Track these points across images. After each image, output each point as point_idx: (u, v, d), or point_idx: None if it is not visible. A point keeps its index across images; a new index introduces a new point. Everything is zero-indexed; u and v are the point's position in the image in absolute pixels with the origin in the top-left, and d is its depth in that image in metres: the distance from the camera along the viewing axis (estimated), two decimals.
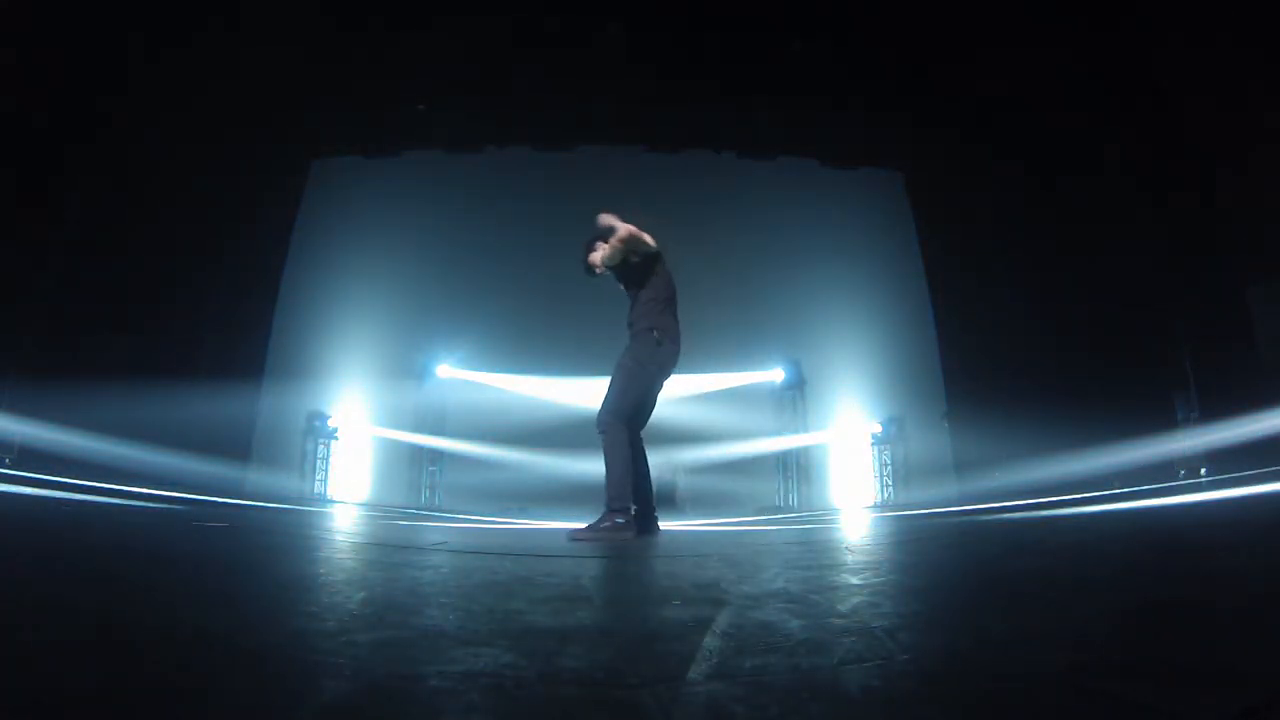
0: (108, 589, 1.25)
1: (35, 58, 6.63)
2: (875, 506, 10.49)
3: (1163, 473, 6.81)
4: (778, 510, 10.45)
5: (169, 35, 7.12)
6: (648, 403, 3.56)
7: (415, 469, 10.99)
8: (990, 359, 10.18)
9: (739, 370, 11.20)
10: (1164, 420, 7.31)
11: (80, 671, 0.76)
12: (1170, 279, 7.00)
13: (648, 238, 3.65)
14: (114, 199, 7.64)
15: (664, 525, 3.85)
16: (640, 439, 3.52)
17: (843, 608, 1.34)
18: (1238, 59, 6.78)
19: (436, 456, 10.99)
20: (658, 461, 3.43)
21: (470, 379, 11.00)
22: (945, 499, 9.47)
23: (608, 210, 3.83)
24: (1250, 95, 6.91)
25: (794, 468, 11.32)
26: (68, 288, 7.33)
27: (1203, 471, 6.70)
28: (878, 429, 11.20)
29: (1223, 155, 7.46)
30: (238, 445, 9.76)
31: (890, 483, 11.07)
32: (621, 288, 3.75)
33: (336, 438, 10.98)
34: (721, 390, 11.10)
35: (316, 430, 10.93)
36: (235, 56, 7.76)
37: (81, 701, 0.68)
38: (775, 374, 11.37)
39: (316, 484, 10.67)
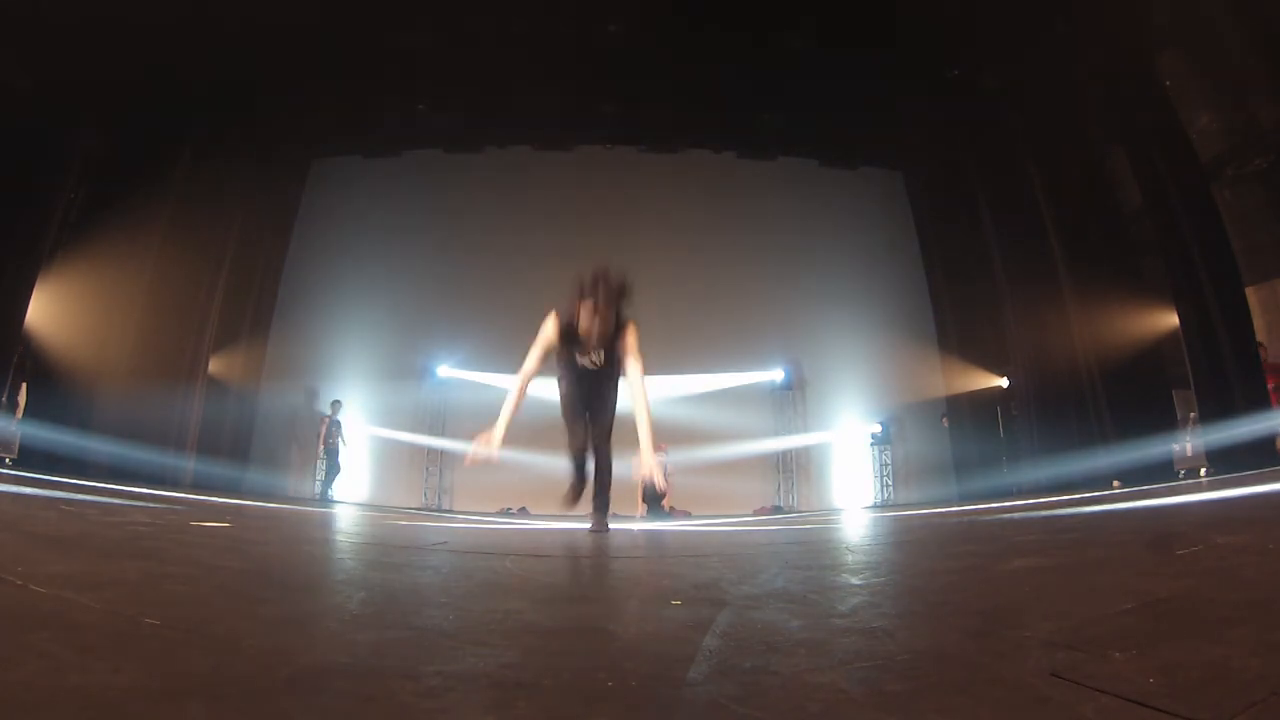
0: (110, 589, 1.25)
1: (36, 57, 6.62)
2: (874, 506, 10.49)
3: (1162, 472, 6.81)
4: (778, 510, 10.44)
5: (168, 36, 7.10)
6: None
7: (415, 469, 10.99)
8: (990, 359, 10.20)
9: (739, 370, 11.20)
10: (1164, 420, 7.31)
11: (86, 671, 0.76)
12: (1171, 279, 6.99)
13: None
14: (114, 198, 7.64)
15: (653, 526, 4.02)
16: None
17: (843, 608, 1.34)
18: (1236, 62, 6.78)
19: (436, 456, 10.98)
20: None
21: (470, 379, 10.99)
22: (945, 499, 9.47)
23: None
24: (1249, 97, 6.91)
25: (794, 468, 11.32)
26: (68, 287, 7.33)
27: (1203, 472, 6.70)
28: (877, 429, 11.20)
29: (1223, 156, 7.46)
30: (238, 445, 9.77)
31: (890, 483, 11.06)
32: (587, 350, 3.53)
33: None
34: (721, 390, 11.10)
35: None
36: (235, 57, 7.76)
37: (85, 701, 0.68)
38: (775, 374, 11.37)
39: (317, 484, 10.66)
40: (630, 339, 3.39)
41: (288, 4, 7.33)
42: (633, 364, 3.39)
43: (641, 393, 3.34)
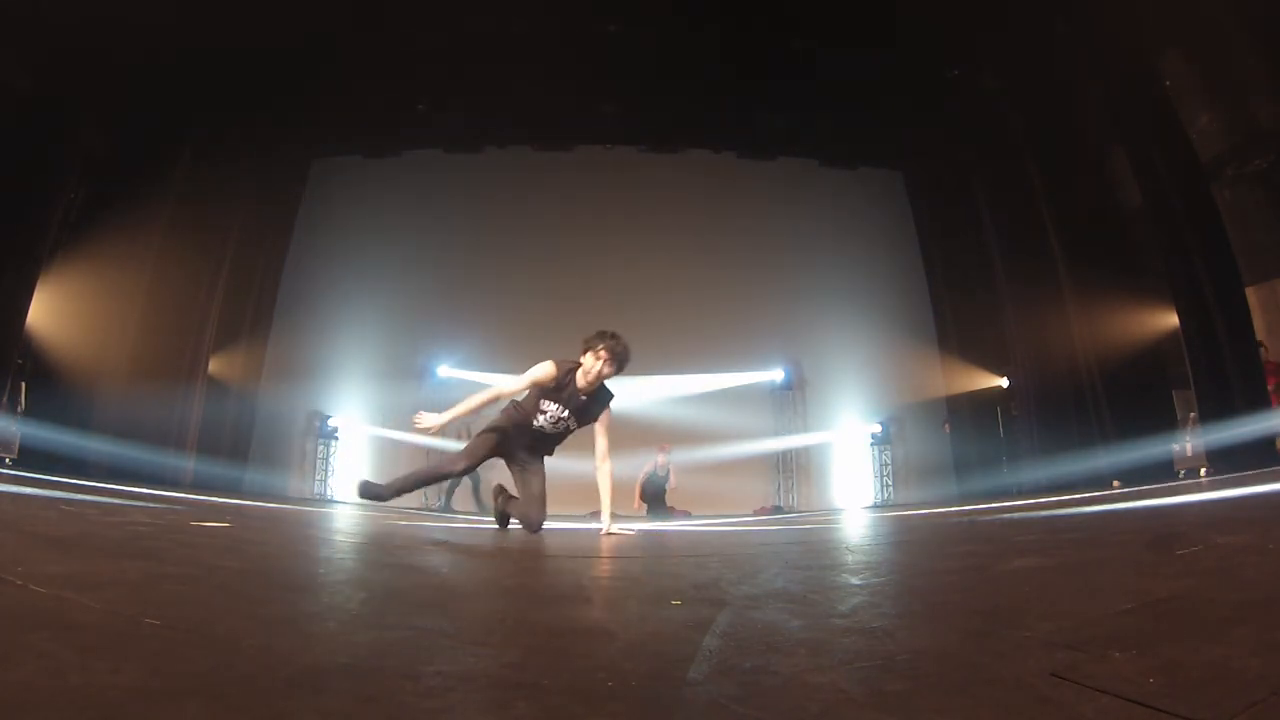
0: (110, 589, 1.25)
1: (36, 57, 6.62)
2: (874, 506, 10.48)
3: (1162, 472, 6.80)
4: (778, 510, 10.44)
5: (168, 36, 7.10)
6: None
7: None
8: (990, 359, 10.19)
9: (739, 370, 11.19)
10: (1164, 420, 7.30)
11: (86, 671, 0.76)
12: (1171, 279, 6.99)
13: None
14: (114, 198, 7.63)
15: (653, 526, 4.11)
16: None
17: (843, 608, 1.34)
18: (1236, 62, 6.77)
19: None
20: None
21: (470, 379, 10.99)
22: (945, 499, 9.47)
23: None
24: (1249, 96, 6.90)
25: (794, 468, 11.32)
26: (68, 287, 7.33)
27: (1203, 472, 6.70)
28: (877, 429, 11.20)
29: (1223, 156, 7.45)
30: (238, 445, 9.76)
31: (890, 483, 11.06)
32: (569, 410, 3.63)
33: (337, 438, 10.98)
34: (721, 390, 11.09)
35: (316, 430, 10.93)
36: (235, 57, 7.75)
37: (85, 702, 0.68)
38: (775, 374, 11.37)
39: (317, 484, 10.66)
40: (607, 418, 3.55)
41: (288, 4, 7.33)
42: (604, 441, 3.53)
43: (609, 474, 3.52)
